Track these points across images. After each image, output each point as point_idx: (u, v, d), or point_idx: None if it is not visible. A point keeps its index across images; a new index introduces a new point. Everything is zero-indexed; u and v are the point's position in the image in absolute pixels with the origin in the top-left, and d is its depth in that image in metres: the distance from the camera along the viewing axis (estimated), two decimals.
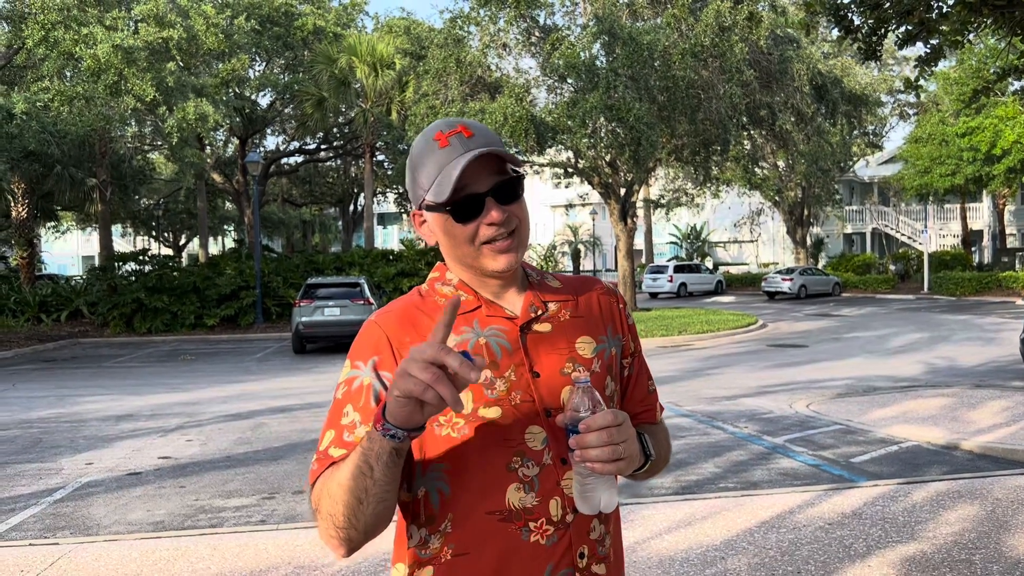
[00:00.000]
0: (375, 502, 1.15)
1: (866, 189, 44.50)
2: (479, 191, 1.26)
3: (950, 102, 30.03)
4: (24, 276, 26.31)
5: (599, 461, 1.16)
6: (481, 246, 1.28)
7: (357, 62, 26.00)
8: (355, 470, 1.14)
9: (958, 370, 11.78)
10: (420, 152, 1.30)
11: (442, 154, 1.27)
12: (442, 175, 1.26)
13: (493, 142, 1.29)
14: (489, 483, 1.25)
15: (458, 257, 1.32)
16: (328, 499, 1.19)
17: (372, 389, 1.25)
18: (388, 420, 1.09)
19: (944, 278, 30.29)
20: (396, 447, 1.11)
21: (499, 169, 1.28)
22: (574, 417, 1.18)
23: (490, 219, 1.26)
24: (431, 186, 1.27)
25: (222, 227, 43.84)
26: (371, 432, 1.12)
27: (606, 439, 1.15)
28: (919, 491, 5.54)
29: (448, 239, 1.31)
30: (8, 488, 6.47)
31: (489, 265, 1.30)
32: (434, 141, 1.28)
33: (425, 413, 1.08)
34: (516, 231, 1.30)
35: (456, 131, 1.28)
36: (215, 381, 12.81)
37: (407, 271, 24.32)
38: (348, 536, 1.19)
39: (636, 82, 17.50)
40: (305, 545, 4.74)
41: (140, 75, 17.83)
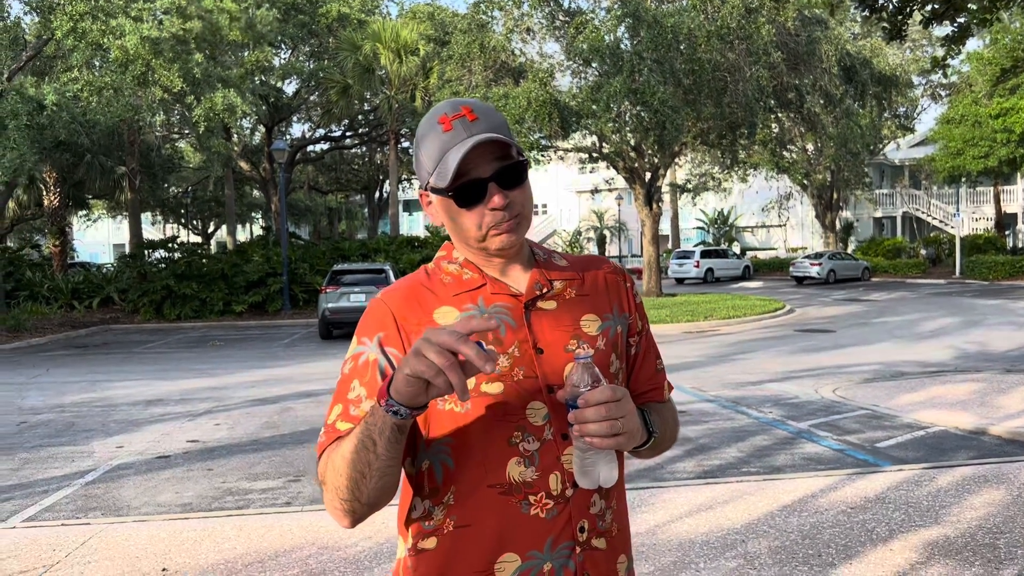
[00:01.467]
0: (377, 476, 1.18)
1: (897, 172, 43.82)
2: (481, 176, 1.28)
3: (983, 82, 29.43)
4: (57, 264, 26.78)
5: (597, 436, 1.17)
6: (486, 230, 1.30)
7: (381, 49, 26.03)
8: (358, 444, 1.17)
9: (989, 355, 11.62)
10: (424, 134, 1.32)
11: (445, 138, 1.28)
12: (444, 160, 1.27)
13: (497, 126, 1.29)
14: (491, 457, 1.27)
15: (462, 238, 1.34)
16: (333, 472, 1.22)
17: (378, 364, 1.28)
18: (392, 396, 1.11)
19: (976, 262, 29.79)
20: (398, 423, 1.13)
21: (503, 154, 1.29)
22: (574, 392, 1.19)
23: (492, 204, 1.28)
24: (434, 170, 1.29)
25: (249, 215, 44.25)
26: (375, 407, 1.14)
27: (604, 414, 1.17)
28: (944, 476, 5.49)
29: (451, 222, 1.33)
30: (42, 470, 6.62)
31: (490, 245, 1.32)
32: (438, 124, 1.29)
33: (430, 394, 1.10)
34: (519, 214, 1.31)
35: (460, 115, 1.28)
36: (243, 366, 12.97)
37: (432, 257, 24.28)
38: (352, 508, 1.23)
39: (661, 65, 17.35)
40: (329, 526, 4.81)
41: (167, 66, 18.01)
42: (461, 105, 1.30)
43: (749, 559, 4.09)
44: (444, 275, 1.37)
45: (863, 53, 24.49)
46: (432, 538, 1.30)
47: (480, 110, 1.30)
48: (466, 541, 1.28)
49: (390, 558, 4.26)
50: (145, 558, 4.41)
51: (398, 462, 1.20)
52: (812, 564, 3.99)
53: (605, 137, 21.19)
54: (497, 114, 1.33)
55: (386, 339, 1.30)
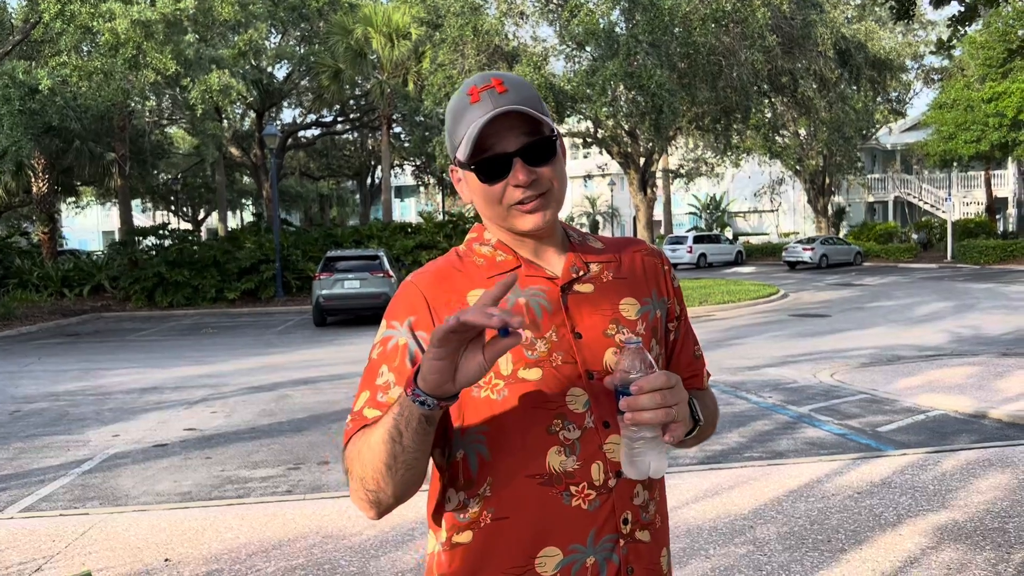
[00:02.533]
0: (404, 468, 1.13)
1: (889, 157, 43.86)
2: (507, 151, 1.22)
3: (976, 67, 29.41)
4: (46, 251, 26.53)
5: (652, 424, 1.12)
6: (510, 207, 1.25)
7: (373, 32, 25.80)
8: (385, 435, 1.12)
9: (984, 339, 11.64)
10: (453, 106, 1.27)
11: (472, 110, 1.23)
12: (469, 133, 1.22)
13: (527, 99, 1.24)
14: (529, 446, 1.22)
15: (490, 216, 1.29)
16: (359, 462, 1.17)
17: (408, 349, 1.23)
18: (419, 386, 1.06)
19: (968, 246, 29.88)
20: (426, 415, 1.08)
21: (532, 128, 1.24)
22: (624, 378, 1.13)
23: (516, 180, 1.22)
24: (460, 143, 1.24)
25: (240, 201, 44.00)
26: (402, 397, 1.09)
27: (659, 401, 1.11)
28: (948, 460, 5.48)
29: (478, 198, 1.28)
30: (37, 460, 6.55)
31: (518, 225, 1.26)
32: (467, 96, 1.24)
33: (458, 383, 1.04)
34: (548, 192, 1.26)
35: (489, 86, 1.23)
36: (237, 354, 12.89)
37: (425, 243, 24.30)
38: (378, 499, 1.18)
39: (656, 49, 17.24)
40: (332, 515, 4.76)
41: (159, 48, 17.79)
42: (492, 77, 1.25)
43: (759, 545, 4.06)
44: (477, 257, 1.32)
45: (858, 37, 24.43)
46: (468, 532, 1.25)
47: (511, 82, 1.25)
48: (504, 534, 1.23)
49: (396, 547, 4.22)
50: (147, 548, 4.35)
51: (426, 454, 1.15)
52: (822, 550, 3.97)
53: (600, 122, 21.09)
54: (530, 88, 1.27)
55: (417, 323, 1.24)
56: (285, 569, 4.00)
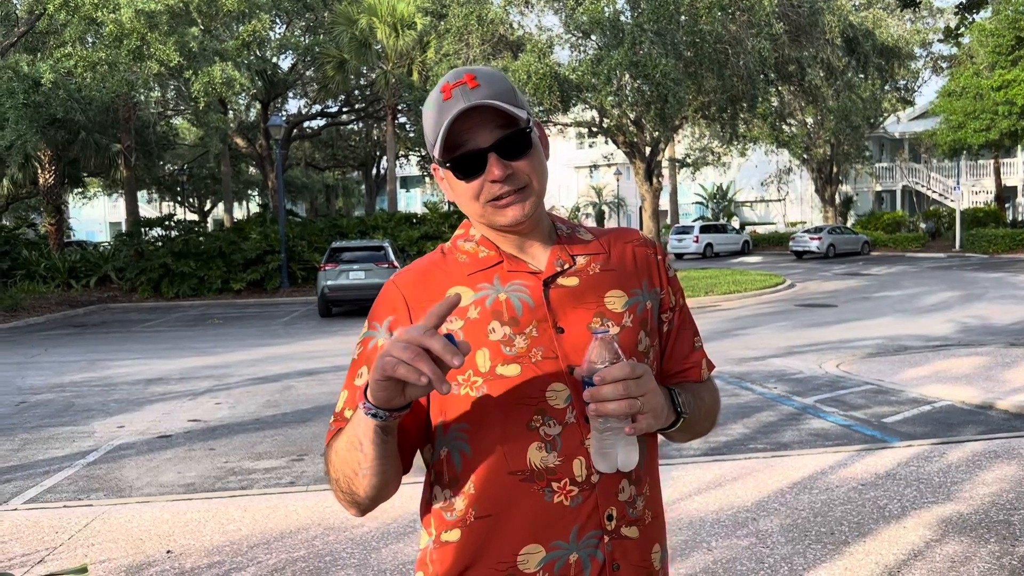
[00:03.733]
0: (370, 475, 1.15)
1: (896, 146, 43.60)
2: (481, 147, 1.21)
3: (985, 54, 29.16)
4: (53, 242, 26.60)
5: (615, 415, 1.11)
6: (487, 203, 1.23)
7: (378, 22, 25.71)
8: (347, 443, 1.15)
9: (992, 329, 11.57)
10: (428, 104, 1.26)
11: (444, 107, 1.21)
12: (441, 131, 1.20)
13: (500, 92, 1.22)
14: (510, 443, 1.21)
15: (471, 212, 1.28)
16: (332, 466, 1.21)
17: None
18: (369, 399, 1.06)
19: (976, 235, 29.71)
20: (381, 426, 1.09)
21: (505, 122, 1.22)
22: (591, 369, 1.12)
23: (492, 176, 1.21)
24: (435, 140, 1.22)
25: (246, 192, 44.00)
26: (357, 410, 1.11)
27: (622, 392, 1.10)
28: (954, 451, 5.44)
29: (457, 196, 1.27)
30: (42, 451, 6.56)
31: (497, 220, 1.25)
32: (440, 93, 1.22)
33: (408, 395, 1.05)
34: (526, 187, 1.24)
35: (461, 82, 1.21)
36: (243, 345, 12.91)
37: (431, 234, 24.28)
38: (354, 500, 1.21)
39: (662, 37, 17.13)
40: (334, 507, 4.75)
41: (163, 39, 17.76)
42: (465, 72, 1.23)
43: (761, 537, 4.04)
44: (460, 254, 1.31)
45: (865, 24, 24.24)
46: (455, 530, 1.25)
47: (483, 77, 1.22)
48: (489, 532, 1.23)
49: (398, 539, 4.22)
50: (149, 540, 4.36)
51: (390, 461, 1.16)
52: (825, 542, 3.95)
53: (605, 111, 20.99)
54: (503, 80, 1.25)
55: (395, 323, 1.25)
56: (286, 561, 4.00)
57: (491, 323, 1.22)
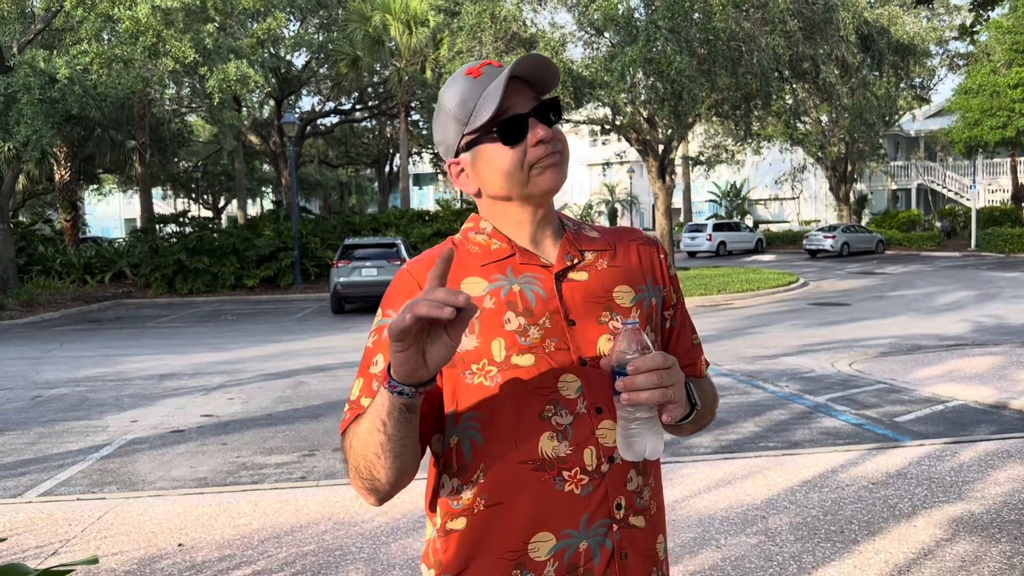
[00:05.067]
0: (393, 456, 1.15)
1: (912, 144, 43.27)
2: (521, 112, 1.25)
3: (1002, 52, 28.89)
4: (68, 238, 26.80)
5: (648, 404, 1.13)
6: (532, 167, 1.26)
7: (391, 20, 25.75)
8: (370, 425, 1.14)
9: (1007, 328, 11.48)
10: (452, 91, 1.28)
11: (477, 83, 1.26)
12: (483, 99, 1.25)
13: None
14: (522, 432, 1.23)
15: (504, 189, 1.28)
16: (353, 452, 1.20)
17: None
18: (393, 376, 1.06)
19: (993, 235, 29.46)
20: (406, 403, 1.09)
21: (534, 95, 1.28)
22: (621, 358, 1.13)
23: (537, 137, 1.25)
24: (470, 117, 1.26)
25: (260, 189, 44.17)
26: (381, 389, 1.10)
27: (656, 381, 1.11)
28: (966, 451, 5.41)
29: (493, 171, 1.28)
30: (57, 444, 6.62)
31: (541, 184, 1.27)
32: (466, 76, 1.27)
33: (430, 367, 1.04)
34: (563, 151, 1.29)
35: (486, 63, 1.29)
36: (255, 341, 12.97)
37: (443, 231, 24.32)
38: (374, 487, 1.20)
39: (676, 35, 17.05)
40: (344, 501, 4.78)
41: (178, 36, 17.85)
42: (483, 60, 1.31)
43: (770, 535, 4.04)
44: (472, 245, 1.32)
45: (880, 21, 24.06)
46: (462, 518, 1.26)
47: (501, 63, 1.31)
48: (498, 520, 1.24)
49: (407, 533, 4.23)
50: (161, 533, 4.40)
51: (413, 441, 1.16)
52: (835, 540, 3.93)
53: (619, 108, 20.94)
54: None
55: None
56: (296, 555, 4.02)
57: (506, 313, 1.24)
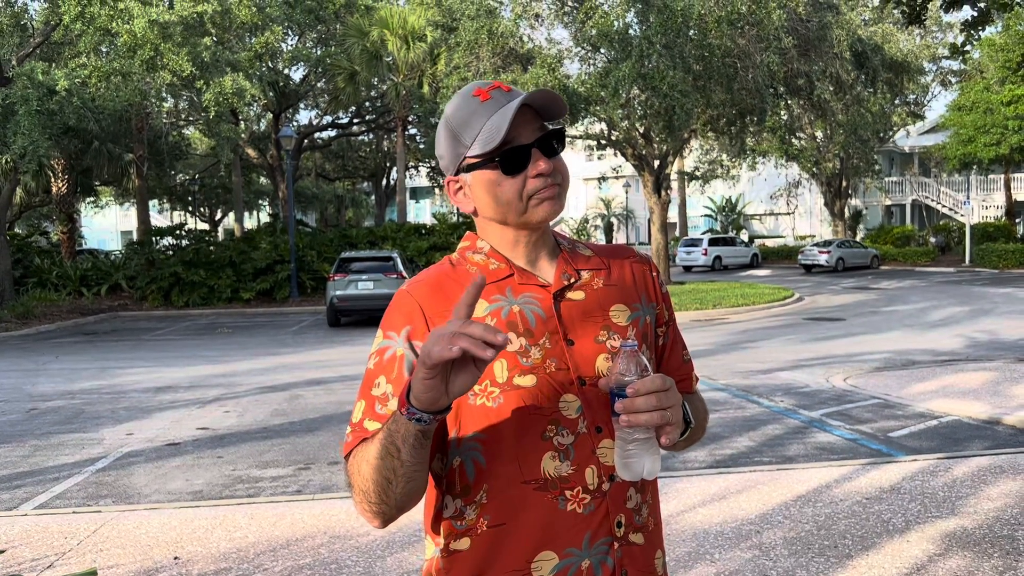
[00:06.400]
0: (404, 481, 1.15)
1: (906, 160, 43.51)
2: (524, 143, 1.26)
3: (995, 69, 29.14)
4: (65, 250, 26.80)
5: (648, 426, 1.15)
6: (530, 198, 1.27)
7: (389, 35, 25.89)
8: (382, 450, 1.13)
9: (1001, 344, 11.54)
10: (458, 110, 1.28)
11: (485, 107, 1.26)
12: (489, 125, 1.25)
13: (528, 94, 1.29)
14: (524, 452, 1.24)
15: (502, 214, 1.29)
16: (360, 476, 1.19)
17: (405, 360, 1.24)
18: (413, 404, 1.07)
19: (986, 250, 29.60)
20: (422, 430, 1.10)
21: (539, 125, 1.29)
22: (620, 381, 1.15)
23: (538, 169, 1.26)
24: (474, 141, 1.26)
25: (257, 202, 44.24)
26: (396, 415, 1.11)
27: (655, 403, 1.13)
28: (960, 466, 5.44)
29: (491, 197, 1.29)
30: (52, 457, 6.62)
31: (537, 214, 1.29)
32: (473, 97, 1.27)
33: (451, 395, 1.05)
34: (562, 183, 1.30)
35: (495, 86, 1.28)
36: (252, 353, 12.97)
37: (439, 245, 24.35)
38: (381, 511, 1.20)
39: (670, 51, 17.19)
40: (340, 515, 4.79)
41: (176, 50, 17.94)
42: (493, 81, 1.31)
43: (764, 550, 4.06)
44: (470, 266, 1.33)
45: (874, 39, 24.27)
46: (465, 538, 1.27)
47: (511, 87, 1.31)
48: (502, 540, 1.25)
49: (403, 547, 4.24)
50: (157, 546, 4.40)
51: (425, 466, 1.17)
52: (828, 555, 3.96)
53: (614, 124, 21.06)
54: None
55: (414, 333, 1.26)
56: (292, 568, 4.03)
57: (507, 334, 1.24)
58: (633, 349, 1.17)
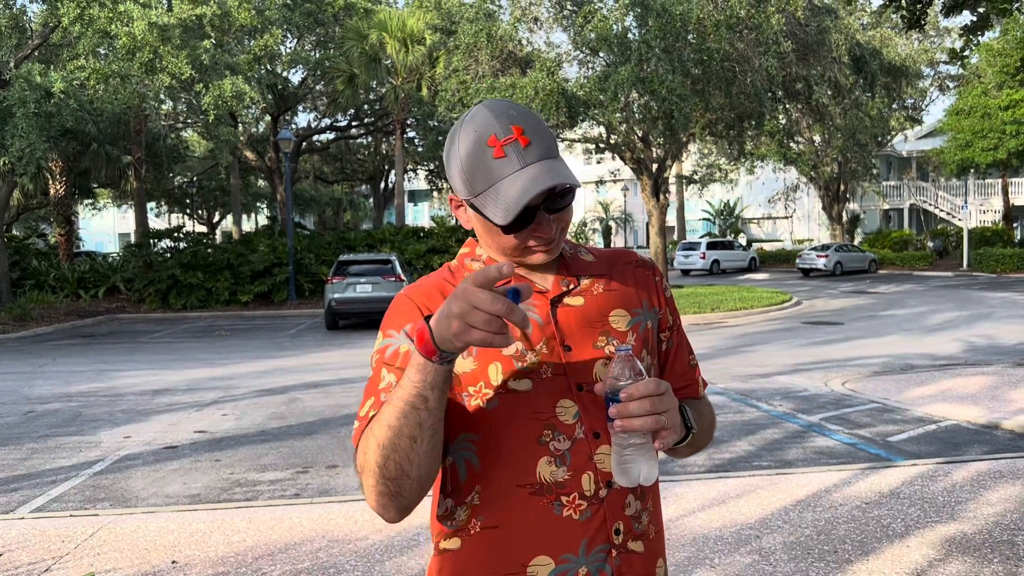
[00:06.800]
0: (430, 434, 1.12)
1: (904, 164, 43.58)
2: (532, 204, 1.20)
3: (993, 74, 29.20)
4: (63, 253, 26.77)
5: (642, 430, 1.14)
6: (524, 248, 1.26)
7: (388, 38, 25.90)
8: (404, 407, 1.10)
9: (999, 348, 11.54)
10: (469, 152, 1.21)
11: (496, 165, 1.19)
12: (496, 191, 1.19)
13: (549, 146, 1.22)
14: (519, 456, 1.23)
15: (496, 251, 1.29)
16: (374, 452, 1.15)
17: (410, 353, 1.21)
18: (443, 347, 1.05)
19: (984, 255, 29.65)
20: (449, 370, 1.10)
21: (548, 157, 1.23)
22: (614, 385, 1.14)
23: (540, 232, 1.24)
24: (479, 194, 1.21)
25: (255, 204, 44.24)
26: (424, 365, 1.08)
27: (649, 408, 1.13)
28: (959, 471, 5.44)
29: (489, 239, 1.28)
30: (49, 460, 6.60)
31: (531, 260, 1.28)
32: (487, 148, 1.19)
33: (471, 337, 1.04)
34: (561, 233, 1.28)
35: (511, 139, 1.19)
36: (249, 356, 12.95)
37: (438, 248, 24.35)
38: (399, 488, 1.16)
39: (669, 55, 17.21)
40: (339, 519, 4.78)
41: (175, 53, 17.94)
42: (512, 125, 1.19)
43: (764, 555, 4.05)
44: (468, 273, 1.32)
45: (872, 43, 24.31)
46: (455, 538, 1.27)
47: (531, 129, 1.20)
48: (495, 542, 1.24)
49: (402, 551, 4.23)
50: (154, 550, 4.38)
51: (443, 421, 1.15)
52: (828, 560, 3.95)
53: (613, 127, 21.07)
54: (545, 128, 1.24)
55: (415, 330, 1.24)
56: (291, 572, 4.01)
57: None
58: (628, 353, 1.16)
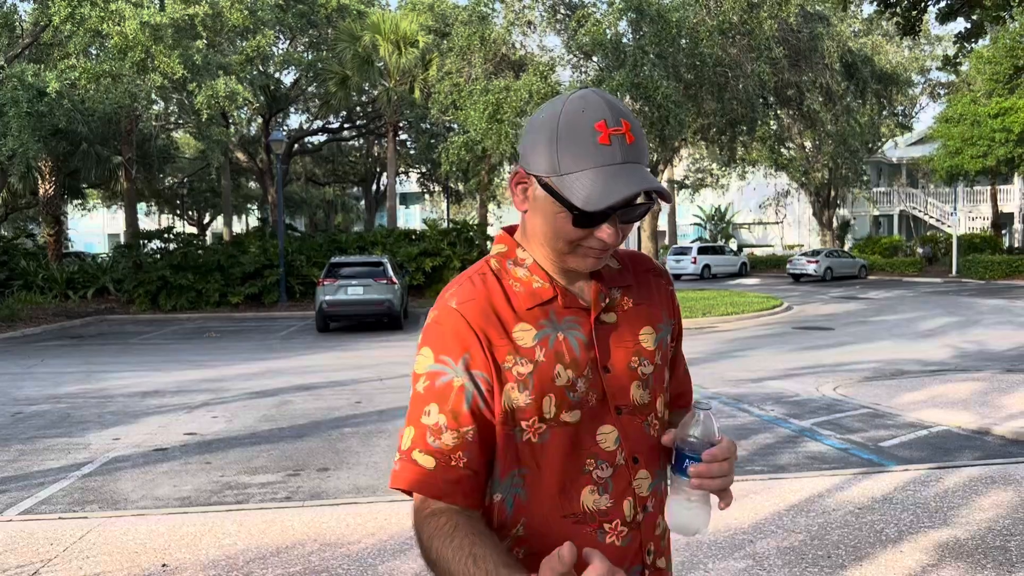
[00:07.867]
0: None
1: (894, 171, 43.81)
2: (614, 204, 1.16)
3: (983, 82, 29.39)
4: (51, 253, 26.58)
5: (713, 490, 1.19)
6: (579, 247, 1.20)
7: (381, 40, 25.87)
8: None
9: (988, 354, 11.59)
10: (571, 129, 1.15)
11: (598, 151, 1.14)
12: (589, 179, 1.14)
13: (644, 150, 1.19)
14: (565, 487, 1.22)
15: (546, 239, 1.22)
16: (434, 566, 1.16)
17: (464, 392, 1.19)
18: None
19: (973, 261, 29.81)
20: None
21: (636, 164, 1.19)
22: (695, 445, 1.18)
23: (604, 234, 1.17)
24: (567, 175, 1.15)
25: (246, 206, 44.05)
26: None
27: (727, 470, 1.18)
28: (951, 476, 5.45)
29: (547, 223, 1.20)
30: (37, 462, 6.54)
31: (575, 264, 1.22)
32: (595, 130, 1.14)
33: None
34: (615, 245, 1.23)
35: (620, 131, 1.15)
36: (240, 358, 12.89)
37: (429, 250, 24.31)
38: None
39: (663, 60, 17.27)
40: (331, 522, 4.75)
41: (167, 52, 17.87)
42: (621, 118, 1.16)
43: (758, 560, 4.04)
44: (513, 281, 1.25)
45: (864, 50, 24.45)
46: None
47: (636, 130, 1.17)
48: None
49: (395, 555, 4.20)
50: (144, 553, 4.34)
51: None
52: (822, 565, 3.94)
53: None
54: (642, 133, 1.21)
55: (473, 362, 1.20)
56: None
57: (556, 367, 1.20)
58: (710, 412, 1.20)
